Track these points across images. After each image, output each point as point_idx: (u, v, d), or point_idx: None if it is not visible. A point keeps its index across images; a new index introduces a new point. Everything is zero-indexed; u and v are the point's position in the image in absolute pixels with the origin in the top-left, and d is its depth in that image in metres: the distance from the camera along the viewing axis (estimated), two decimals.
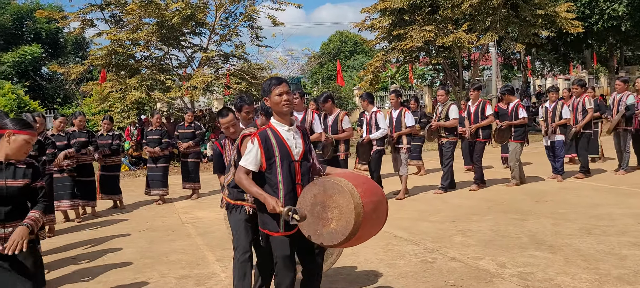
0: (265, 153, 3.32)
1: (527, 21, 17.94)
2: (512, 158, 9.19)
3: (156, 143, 9.46)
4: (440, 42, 17.36)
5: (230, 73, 18.19)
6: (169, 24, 16.63)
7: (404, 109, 8.77)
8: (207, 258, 5.84)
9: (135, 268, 5.60)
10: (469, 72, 24.92)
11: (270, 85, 3.36)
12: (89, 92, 19.90)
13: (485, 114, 8.93)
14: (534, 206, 7.55)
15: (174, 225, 7.68)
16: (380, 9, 18.60)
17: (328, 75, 42.36)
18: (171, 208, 9.02)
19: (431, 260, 5.29)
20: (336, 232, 3.07)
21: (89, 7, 17.57)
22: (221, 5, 17.99)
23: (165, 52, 18.61)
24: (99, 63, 17.53)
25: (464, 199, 8.32)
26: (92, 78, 24.31)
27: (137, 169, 14.72)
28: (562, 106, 9.44)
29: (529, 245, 5.61)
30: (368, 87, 20.36)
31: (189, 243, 6.58)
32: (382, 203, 3.28)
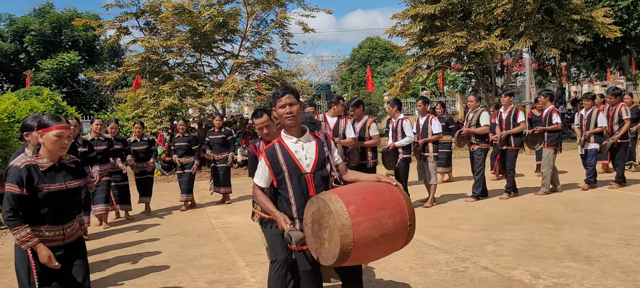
0: (273, 169, 3.26)
1: (562, 26, 17.57)
2: (544, 165, 8.97)
3: (184, 150, 9.54)
4: (472, 48, 17.14)
5: (261, 79, 18.34)
6: (202, 31, 16.88)
7: (431, 115, 8.62)
8: (237, 264, 5.88)
9: (167, 272, 5.68)
10: (502, 79, 24.51)
11: (274, 96, 3.29)
12: (123, 98, 20.34)
13: (517, 121, 8.76)
14: (569, 215, 7.36)
15: (204, 230, 7.76)
16: (411, 15, 18.49)
17: (358, 81, 42.32)
18: (202, 213, 9.12)
19: (462, 270, 5.21)
20: (328, 252, 2.92)
21: (125, 15, 17.98)
22: (252, 13, 18.17)
23: (198, 58, 18.89)
24: (134, 70, 17.92)
25: (496, 207, 8.17)
26: (127, 84, 24.89)
27: (170, 174, 14.95)
28: (597, 114, 9.16)
29: (564, 256, 5.48)
30: (398, 93, 20.25)
31: (219, 248, 6.64)
32: (393, 217, 2.94)
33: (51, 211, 3.24)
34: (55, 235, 3.27)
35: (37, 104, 12.74)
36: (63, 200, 3.27)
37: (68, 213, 3.32)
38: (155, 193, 9.97)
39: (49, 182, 3.23)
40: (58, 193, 3.26)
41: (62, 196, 3.27)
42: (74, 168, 3.43)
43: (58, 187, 3.26)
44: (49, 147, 3.26)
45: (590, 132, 9.11)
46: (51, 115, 3.35)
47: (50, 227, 3.25)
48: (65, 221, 3.30)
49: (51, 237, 3.25)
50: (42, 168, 3.25)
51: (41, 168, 3.24)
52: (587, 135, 9.13)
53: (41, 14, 30.05)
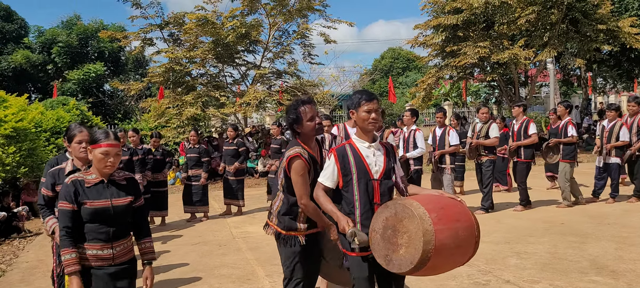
0: (342, 170, 3.22)
1: (588, 36, 17.29)
2: (561, 179, 8.75)
3: (194, 161, 9.48)
4: (495, 58, 16.97)
5: (283, 90, 18.45)
6: (224, 42, 17.08)
7: (449, 127, 8.56)
8: (257, 273, 5.89)
9: (187, 281, 5.71)
10: (526, 89, 24.20)
11: (360, 99, 3.23)
12: (147, 108, 20.64)
13: (528, 133, 8.60)
14: (595, 229, 7.20)
15: (225, 240, 7.80)
16: (434, 26, 18.42)
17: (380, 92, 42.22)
18: (223, 223, 9.17)
19: (484, 283, 5.13)
20: (404, 259, 2.87)
21: (149, 26, 18.30)
22: (274, 24, 18.33)
23: (220, 69, 19.11)
24: (157, 80, 18.20)
25: (519, 220, 8.04)
26: (151, 94, 25.26)
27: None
28: (620, 127, 8.82)
29: (589, 270, 5.36)
30: (420, 104, 20.15)
31: (239, 257, 6.66)
32: (466, 230, 2.96)
33: (98, 228, 3.11)
34: (104, 253, 3.12)
35: (64, 113, 13.01)
36: (108, 218, 3.12)
37: (117, 231, 3.16)
38: (176, 202, 10.05)
39: (93, 198, 3.11)
40: (102, 210, 3.11)
41: (106, 214, 3.12)
42: (125, 185, 3.26)
43: (102, 204, 3.12)
44: (96, 165, 3.17)
45: (612, 146, 8.83)
46: (103, 130, 3.24)
47: (98, 244, 3.11)
48: (114, 239, 3.15)
49: (100, 255, 3.11)
50: (88, 184, 3.14)
51: (87, 185, 3.13)
52: (608, 149, 8.90)
53: (68, 26, 30.74)
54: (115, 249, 3.14)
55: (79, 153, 3.89)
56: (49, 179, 3.94)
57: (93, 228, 3.10)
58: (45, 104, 16.72)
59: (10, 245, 7.94)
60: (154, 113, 18.43)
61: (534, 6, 16.40)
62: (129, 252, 3.25)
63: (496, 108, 28.05)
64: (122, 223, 3.20)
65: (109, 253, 3.12)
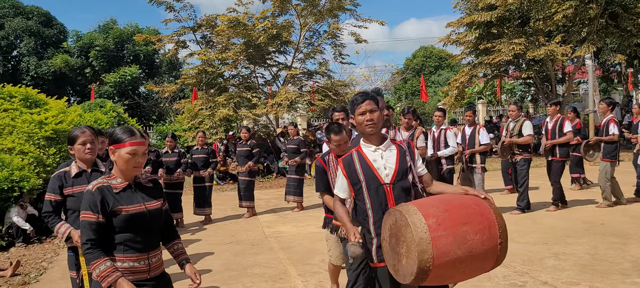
0: (350, 179, 3.10)
1: (628, 31, 16.78)
2: (602, 178, 8.46)
3: (202, 162, 9.43)
4: (530, 55, 16.63)
5: (314, 90, 18.48)
6: (256, 44, 17.23)
7: (479, 125, 8.43)
8: (289, 273, 5.89)
9: (221, 280, 5.76)
10: (563, 86, 23.62)
11: (353, 103, 3.12)
12: (181, 109, 20.98)
13: (563, 131, 8.37)
14: (637, 229, 6.95)
15: (257, 239, 7.84)
16: (467, 23, 18.20)
17: (412, 91, 41.89)
18: (255, 223, 9.23)
19: (521, 284, 5.01)
20: (407, 269, 2.67)
21: (182, 29, 18.61)
22: (305, 24, 18.38)
23: (252, 70, 19.29)
24: (190, 82, 18.50)
25: (557, 220, 7.83)
26: (184, 96, 25.67)
27: (224, 184, 15.24)
28: None
29: (631, 272, 5.17)
30: (453, 102, 19.90)
31: (272, 257, 6.68)
32: (479, 233, 2.64)
33: (133, 237, 2.77)
34: (140, 265, 2.79)
35: (101, 115, 13.32)
36: (144, 224, 2.81)
37: (152, 239, 2.88)
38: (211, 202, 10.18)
39: (126, 203, 2.77)
40: (138, 216, 2.79)
41: (143, 219, 2.80)
42: (152, 187, 2.96)
43: (137, 208, 2.79)
44: (122, 166, 2.82)
45: None
46: (124, 128, 2.88)
47: (133, 255, 2.77)
48: (149, 249, 2.84)
49: (135, 268, 2.78)
50: (116, 189, 2.79)
51: (115, 190, 2.79)
52: None
53: (105, 30, 31.54)
54: (151, 260, 2.84)
55: (83, 155, 3.77)
56: (54, 182, 3.76)
57: (127, 238, 2.77)
58: (84, 106, 17.19)
59: (52, 243, 8.16)
60: (188, 114, 18.74)
61: (571, 1, 16.02)
62: (162, 264, 2.96)
63: (532, 106, 27.45)
64: (156, 230, 2.94)
65: (144, 265, 2.81)
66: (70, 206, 3.79)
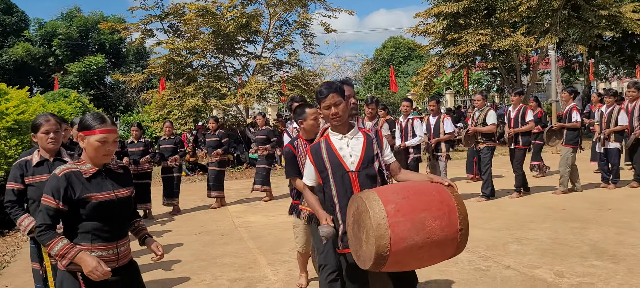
0: (317, 166, 3.15)
1: (590, 22, 17.25)
2: (562, 164, 8.73)
3: (170, 152, 9.34)
4: (496, 45, 16.95)
5: (284, 80, 18.46)
6: (225, 33, 17.08)
7: (443, 115, 8.65)
8: (259, 262, 5.92)
9: (190, 270, 5.75)
10: (528, 77, 24.15)
11: (318, 95, 3.14)
12: (148, 99, 20.68)
13: (525, 120, 8.61)
14: (596, 214, 7.22)
15: (227, 229, 7.83)
16: (435, 14, 18.40)
17: (382, 81, 42.17)
18: (225, 213, 9.21)
19: (485, 268, 5.15)
20: (366, 255, 2.70)
21: (149, 17, 18.29)
22: (275, 14, 18.30)
23: (221, 60, 19.14)
24: (158, 71, 18.24)
25: (520, 207, 8.05)
26: (152, 86, 25.29)
27: (194, 174, 15.12)
28: (618, 112, 8.81)
29: (589, 255, 5.37)
30: (421, 92, 20.15)
31: (241, 246, 6.70)
32: (438, 219, 2.66)
33: (101, 226, 2.72)
34: (108, 255, 2.73)
35: (65, 106, 13.04)
36: (113, 212, 2.76)
37: (121, 228, 2.83)
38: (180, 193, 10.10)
39: (95, 191, 2.71)
40: (107, 204, 2.73)
41: (112, 207, 2.75)
42: (122, 174, 2.90)
43: (107, 196, 2.73)
44: (92, 154, 2.75)
45: (610, 130, 8.82)
46: (95, 115, 2.83)
47: (101, 244, 2.71)
48: (118, 238, 2.78)
49: (104, 257, 2.70)
50: (86, 174, 2.72)
51: (85, 175, 2.72)
52: (606, 134, 8.89)
53: (69, 18, 30.73)
54: (119, 249, 2.78)
55: (46, 144, 3.72)
56: (15, 171, 3.70)
57: (95, 227, 2.71)
58: (47, 96, 16.75)
59: (14, 237, 7.99)
60: (156, 105, 18.47)
61: None
62: (130, 252, 2.90)
63: (498, 96, 27.99)
64: (125, 219, 2.90)
65: (113, 255, 2.75)
66: (30, 195, 3.73)
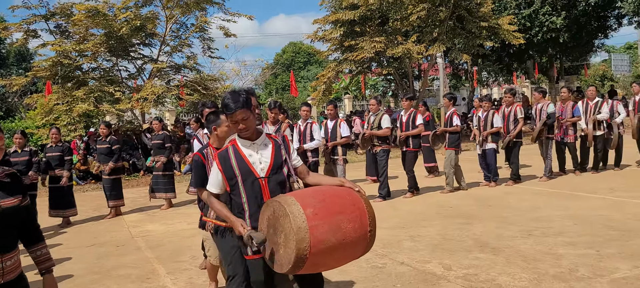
0: (226, 173, 3.12)
1: (473, 33, 18.60)
2: (447, 165, 9.36)
3: (56, 160, 8.84)
4: (390, 53, 17.76)
5: (183, 84, 18.03)
6: (118, 35, 16.35)
7: (340, 119, 8.94)
8: (158, 272, 5.78)
9: (82, 284, 5.49)
10: (420, 82, 25.54)
11: (226, 110, 3.10)
12: (33, 104, 19.24)
13: (415, 124, 9.15)
14: (479, 210, 7.83)
15: (123, 240, 7.53)
16: (332, 21, 18.88)
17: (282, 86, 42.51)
18: (120, 223, 8.84)
19: (381, 266, 5.42)
20: (284, 258, 2.76)
21: (33, 17, 17.03)
22: (172, 16, 17.83)
23: (114, 63, 18.29)
24: (44, 75, 17.04)
25: (414, 206, 8.54)
26: (37, 90, 23.54)
27: (85, 183, 14.31)
28: (492, 115, 9.60)
29: (473, 248, 5.83)
30: (321, 97, 20.58)
31: (138, 257, 6.49)
32: (352, 221, 2.80)
33: None
34: None
35: None
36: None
37: (6, 241, 2.55)
38: None
39: None
40: None
41: None
42: (9, 183, 2.64)
43: None
44: None
45: (488, 132, 9.57)
46: None
47: None
48: (3, 251, 2.52)
49: None
50: None
51: None
52: (485, 135, 9.65)
53: None
54: (5, 263, 2.53)
55: None
56: None
57: None
58: None
59: None
60: (41, 110, 17.22)
61: (424, 3, 17.33)
62: (18, 266, 2.63)
63: (393, 101, 29.28)
64: (12, 231, 2.62)
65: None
66: None
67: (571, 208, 7.46)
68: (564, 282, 4.57)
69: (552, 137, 9.91)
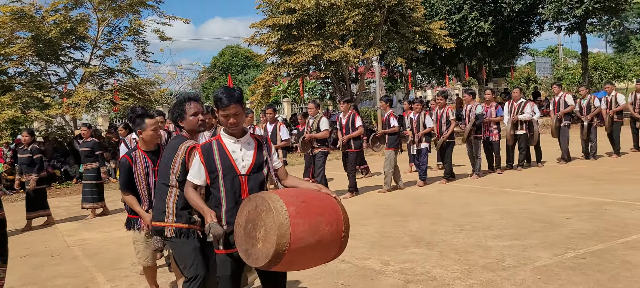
0: (207, 167, 3.17)
1: (406, 37, 19.23)
2: (386, 165, 9.70)
3: None
4: (327, 56, 18.05)
5: (117, 89, 17.55)
6: (46, 38, 15.72)
7: (280, 122, 9.18)
8: (97, 280, 5.69)
9: None
10: (357, 85, 26.05)
11: (218, 103, 3.14)
12: None
13: (355, 126, 9.45)
14: (416, 208, 8.17)
15: (58, 249, 7.32)
16: (269, 25, 18.97)
17: None
18: (54, 232, 8.56)
19: (322, 265, 5.58)
20: (261, 252, 2.83)
21: None
22: (104, 19, 17.32)
23: (43, 67, 17.53)
24: None
25: (353, 205, 8.76)
26: None
27: (13, 193, 13.66)
28: (424, 116, 10.05)
29: (409, 244, 6.12)
30: (259, 101, 20.60)
31: (76, 266, 6.34)
32: (330, 225, 2.91)
33: None
34: None
35: None
36: None
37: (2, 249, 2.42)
38: None
39: None
40: None
41: None
42: None
43: None
44: None
45: (421, 133, 10.01)
46: None
47: None
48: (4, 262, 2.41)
49: None
50: None
51: None
52: (418, 136, 10.07)
53: None
54: None
55: None
56: None
57: None
58: None
59: None
60: None
61: (359, 8, 17.76)
62: None
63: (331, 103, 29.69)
64: None
65: None
66: None
67: (499, 204, 7.93)
68: (492, 271, 4.91)
69: (480, 137, 10.45)
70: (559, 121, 11.21)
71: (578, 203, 7.49)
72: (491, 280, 4.67)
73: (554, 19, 24.37)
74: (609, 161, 11.41)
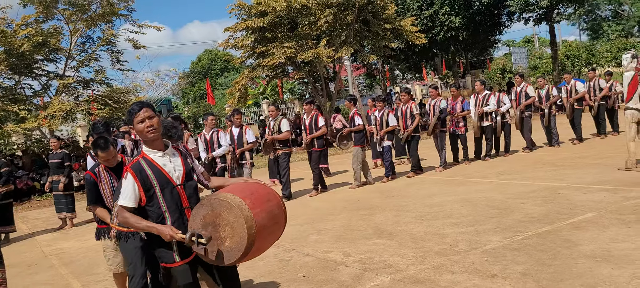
0: (143, 185, 3.13)
1: (379, 35, 19.53)
2: (354, 162, 10.00)
3: None
4: (301, 57, 18.28)
5: (93, 99, 17.64)
6: (19, 52, 15.77)
7: (245, 126, 9.44)
8: (72, 286, 5.90)
9: None
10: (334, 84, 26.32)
11: (130, 113, 3.19)
12: None
13: (318, 125, 9.74)
14: (382, 201, 8.48)
15: (35, 259, 7.51)
16: (243, 28, 19.14)
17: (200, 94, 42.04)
18: (31, 243, 8.73)
19: (288, 259, 5.87)
20: (232, 249, 2.99)
21: None
22: (76, 30, 17.41)
23: (17, 81, 17.56)
24: None
25: (322, 202, 9.07)
26: None
27: None
28: (388, 114, 10.38)
29: (372, 235, 6.42)
30: (237, 104, 20.79)
31: (52, 274, 6.55)
32: (277, 207, 3.25)
33: None
34: None
35: None
36: None
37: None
38: None
39: None
40: None
41: None
42: None
43: None
44: None
45: (384, 131, 10.32)
46: None
47: None
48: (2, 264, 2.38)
49: None
50: None
51: None
52: (381, 134, 10.37)
53: None
54: None
55: None
56: None
57: None
58: None
59: None
60: None
61: (330, 8, 18.02)
62: None
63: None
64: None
65: None
66: None
67: (462, 193, 8.26)
68: (444, 256, 5.23)
69: (445, 130, 10.80)
70: (521, 113, 11.61)
71: (535, 189, 7.82)
72: (442, 265, 4.98)
73: (521, 11, 24.91)
74: (571, 147, 11.85)
